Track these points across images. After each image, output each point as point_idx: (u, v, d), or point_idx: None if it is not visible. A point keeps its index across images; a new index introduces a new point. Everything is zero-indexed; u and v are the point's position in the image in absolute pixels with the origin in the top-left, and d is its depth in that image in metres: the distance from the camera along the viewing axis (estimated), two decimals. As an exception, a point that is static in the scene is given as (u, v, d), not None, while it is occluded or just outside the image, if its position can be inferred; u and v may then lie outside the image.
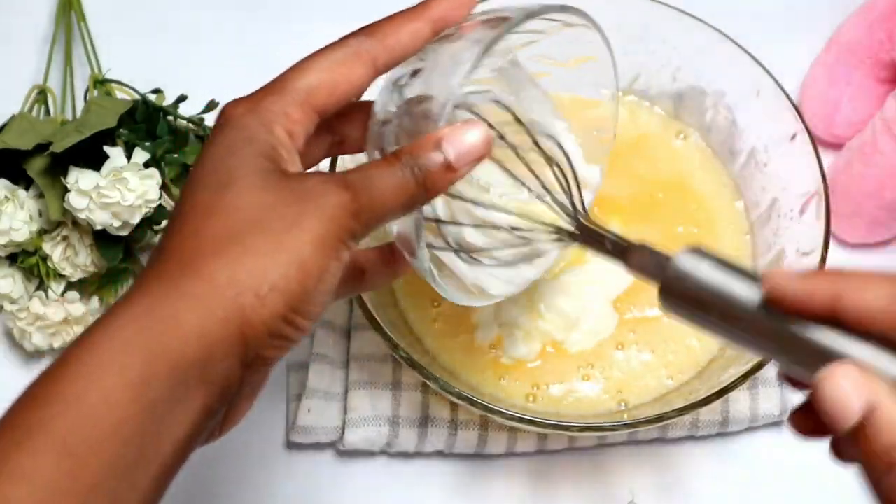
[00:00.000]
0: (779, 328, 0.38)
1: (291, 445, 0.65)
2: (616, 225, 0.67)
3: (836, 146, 0.74)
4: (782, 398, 0.66)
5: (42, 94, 0.71)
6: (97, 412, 0.38)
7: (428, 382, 0.57)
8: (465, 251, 0.54)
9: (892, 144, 0.68)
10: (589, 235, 0.51)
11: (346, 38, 0.47)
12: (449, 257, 0.54)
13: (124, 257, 0.65)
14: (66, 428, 0.37)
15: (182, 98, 0.70)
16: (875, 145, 0.69)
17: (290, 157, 0.44)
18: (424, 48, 0.48)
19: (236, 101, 0.45)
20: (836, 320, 0.37)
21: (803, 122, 0.65)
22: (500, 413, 0.56)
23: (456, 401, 0.57)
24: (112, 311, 0.40)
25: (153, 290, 0.40)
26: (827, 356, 0.37)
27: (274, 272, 0.41)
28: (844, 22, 0.77)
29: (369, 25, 0.47)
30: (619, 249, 0.48)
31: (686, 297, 0.41)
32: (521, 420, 0.56)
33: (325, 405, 0.64)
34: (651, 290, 0.43)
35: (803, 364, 0.38)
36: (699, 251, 0.41)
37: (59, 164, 0.63)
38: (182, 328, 0.40)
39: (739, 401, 0.65)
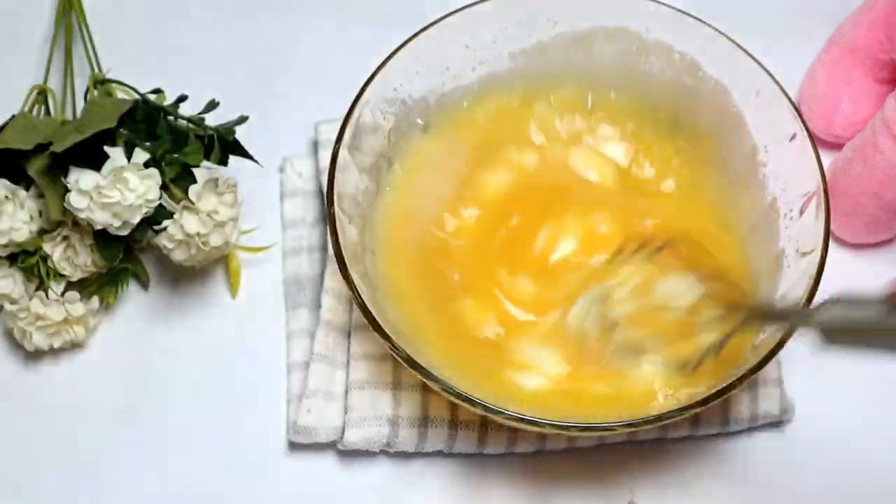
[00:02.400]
0: None
1: (292, 446, 0.65)
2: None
3: (836, 146, 0.74)
4: (782, 398, 0.66)
5: (42, 93, 0.71)
6: None
7: (428, 382, 0.57)
8: None
9: (892, 144, 0.68)
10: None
11: None
12: None
13: (124, 257, 0.65)
14: None
15: (182, 98, 0.70)
16: (875, 145, 0.69)
17: None
18: None
19: None
20: None
21: (803, 121, 0.65)
22: (501, 413, 0.56)
23: (456, 401, 0.57)
24: None
25: None
26: None
27: None
28: (844, 22, 0.77)
29: None
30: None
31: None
32: (521, 420, 0.56)
33: (325, 405, 0.64)
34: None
35: None
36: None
37: (60, 164, 0.63)
38: None
39: (739, 401, 0.65)
